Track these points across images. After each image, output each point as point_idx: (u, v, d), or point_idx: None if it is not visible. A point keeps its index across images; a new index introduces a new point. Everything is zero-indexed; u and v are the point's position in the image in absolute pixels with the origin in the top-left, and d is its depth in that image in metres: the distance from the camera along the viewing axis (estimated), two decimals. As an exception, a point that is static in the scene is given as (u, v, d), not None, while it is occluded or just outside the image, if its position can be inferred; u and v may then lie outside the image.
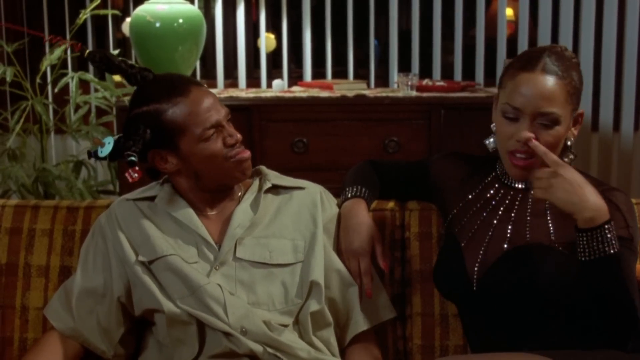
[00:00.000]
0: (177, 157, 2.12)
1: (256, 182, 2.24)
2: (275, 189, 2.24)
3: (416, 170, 2.34)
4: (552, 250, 1.99)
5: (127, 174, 2.12)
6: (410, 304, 2.34)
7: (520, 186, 2.12)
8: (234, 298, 2.07)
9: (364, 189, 2.26)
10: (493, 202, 2.13)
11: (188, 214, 2.17)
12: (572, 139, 2.07)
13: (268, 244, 2.15)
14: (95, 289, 2.16)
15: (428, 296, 2.32)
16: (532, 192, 2.01)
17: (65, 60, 4.05)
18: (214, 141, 2.11)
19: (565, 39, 4.16)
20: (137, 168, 2.11)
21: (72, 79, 3.73)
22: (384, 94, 3.68)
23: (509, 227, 2.08)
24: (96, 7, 3.78)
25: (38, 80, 3.80)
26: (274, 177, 2.26)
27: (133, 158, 2.10)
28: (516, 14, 4.39)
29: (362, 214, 2.21)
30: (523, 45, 4.16)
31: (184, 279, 2.09)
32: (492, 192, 2.16)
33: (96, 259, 2.18)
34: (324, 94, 3.70)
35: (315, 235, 2.18)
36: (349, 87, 3.83)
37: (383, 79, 4.35)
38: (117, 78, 3.79)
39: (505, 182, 2.14)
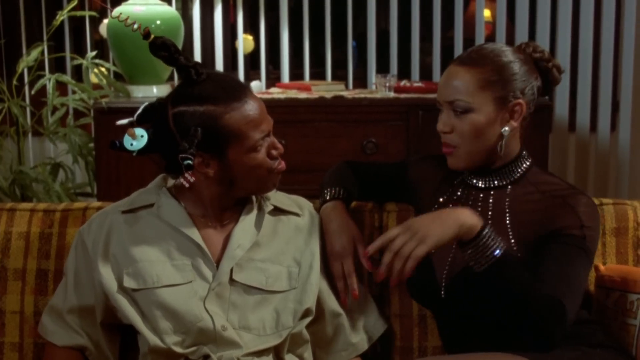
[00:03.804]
0: (219, 163, 2.05)
1: (254, 198, 2.19)
2: (275, 210, 2.21)
3: (393, 171, 2.34)
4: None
5: (182, 179, 2.04)
6: (389, 305, 2.34)
7: (481, 185, 2.14)
8: (225, 333, 2.05)
9: (341, 190, 2.26)
10: (458, 206, 2.14)
11: (188, 224, 2.12)
12: (507, 128, 2.06)
13: (265, 269, 2.12)
14: (92, 307, 2.14)
15: (406, 297, 2.32)
16: (491, 193, 2.08)
17: (42, 62, 4.03)
18: (260, 152, 2.07)
19: (542, 40, 4.18)
20: (191, 172, 2.04)
21: (49, 80, 3.71)
22: (362, 95, 3.68)
23: None
24: (73, 9, 3.76)
25: (15, 82, 3.77)
26: (273, 197, 2.22)
27: (190, 162, 2.00)
28: (494, 15, 4.41)
29: (341, 217, 2.21)
30: (500, 47, 4.17)
31: (174, 315, 2.05)
32: (458, 194, 2.17)
33: (86, 276, 2.14)
34: (302, 95, 3.70)
35: (312, 264, 2.16)
36: (327, 89, 3.83)
37: (361, 80, 4.35)
38: (94, 80, 3.77)
39: (469, 182, 2.16)
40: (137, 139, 2.07)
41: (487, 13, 4.46)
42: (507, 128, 2.06)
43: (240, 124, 2.03)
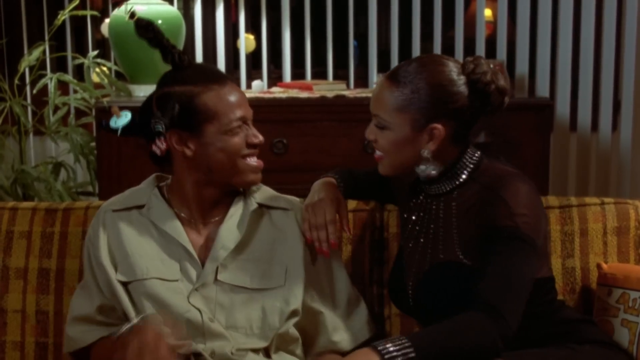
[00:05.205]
0: (196, 143, 2.09)
1: (241, 197, 2.20)
2: (260, 208, 2.21)
3: (379, 177, 2.35)
4: (462, 267, 2.00)
5: (154, 147, 2.09)
6: (389, 304, 2.34)
7: (431, 192, 2.13)
8: (213, 325, 2.06)
9: (336, 175, 2.30)
10: (420, 213, 2.16)
11: (176, 227, 2.14)
12: (426, 151, 2.03)
13: (249, 267, 2.13)
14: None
15: (407, 296, 2.32)
16: (441, 200, 2.09)
17: (43, 61, 4.03)
18: (237, 135, 2.10)
19: (544, 40, 4.17)
20: (163, 139, 2.08)
21: (50, 80, 3.71)
22: (363, 95, 3.68)
23: (430, 244, 2.10)
24: (75, 8, 3.76)
25: (16, 81, 3.78)
26: (260, 196, 2.23)
27: (160, 127, 2.06)
28: (495, 14, 4.41)
29: (328, 185, 2.24)
30: (502, 46, 4.17)
31: (163, 306, 2.06)
32: (420, 199, 2.18)
33: (100, 276, 2.15)
34: (304, 94, 3.69)
35: (299, 263, 2.16)
36: (328, 88, 3.83)
37: (362, 80, 4.35)
38: (95, 79, 3.77)
39: (426, 189, 2.16)
40: (121, 118, 2.15)
41: (488, 12, 4.46)
42: (425, 151, 2.04)
43: (216, 103, 2.08)
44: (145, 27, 2.15)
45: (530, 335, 2.02)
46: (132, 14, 2.16)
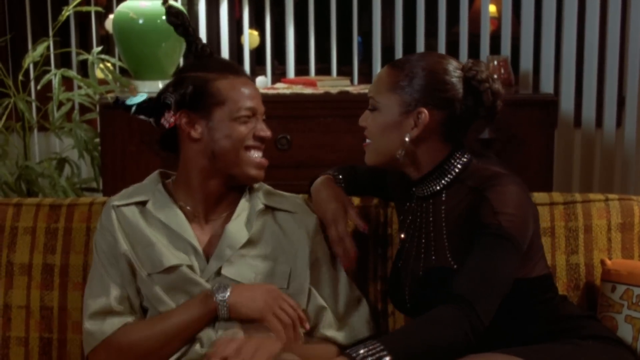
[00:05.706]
0: (204, 126, 2.13)
1: (246, 196, 2.21)
2: (266, 208, 2.21)
3: (377, 174, 2.35)
4: (453, 273, 1.99)
5: (162, 120, 2.15)
6: (394, 301, 2.34)
7: (419, 194, 2.13)
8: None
9: (335, 173, 2.31)
10: (413, 217, 2.16)
11: (181, 222, 2.14)
12: (407, 136, 2.04)
13: (255, 266, 2.13)
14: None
15: (411, 292, 2.32)
16: (430, 202, 2.08)
17: (47, 57, 4.03)
18: (244, 125, 2.13)
19: (548, 35, 4.17)
20: (171, 114, 2.13)
21: (55, 76, 3.72)
22: (367, 91, 3.67)
23: (423, 248, 2.10)
24: (79, 4, 3.77)
25: (20, 77, 3.78)
26: (265, 196, 2.23)
27: (169, 101, 2.13)
28: (499, 10, 4.40)
29: (329, 187, 2.25)
30: (506, 42, 4.17)
31: (186, 292, 2.09)
32: (413, 204, 2.18)
33: (117, 266, 2.15)
34: (308, 90, 3.69)
35: (305, 266, 2.16)
36: (332, 84, 3.83)
37: (366, 76, 4.35)
38: (99, 75, 3.77)
39: (416, 191, 2.15)
40: (137, 96, 2.21)
41: (492, 8, 4.45)
42: (407, 135, 2.04)
43: (229, 90, 2.13)
44: (175, 15, 2.26)
45: (532, 333, 2.02)
46: (165, 0, 2.28)
